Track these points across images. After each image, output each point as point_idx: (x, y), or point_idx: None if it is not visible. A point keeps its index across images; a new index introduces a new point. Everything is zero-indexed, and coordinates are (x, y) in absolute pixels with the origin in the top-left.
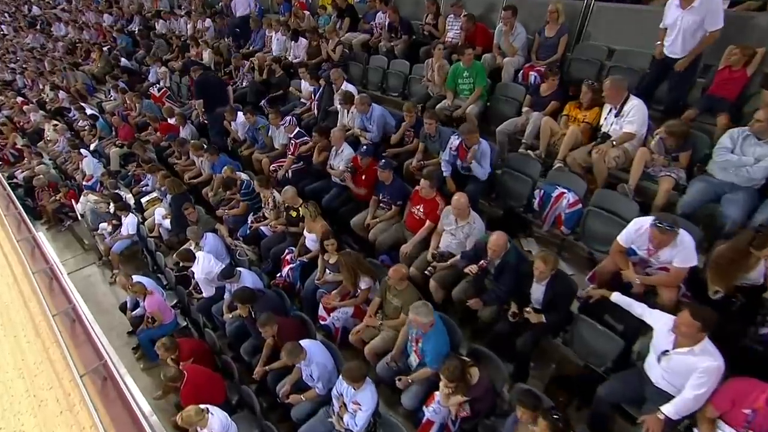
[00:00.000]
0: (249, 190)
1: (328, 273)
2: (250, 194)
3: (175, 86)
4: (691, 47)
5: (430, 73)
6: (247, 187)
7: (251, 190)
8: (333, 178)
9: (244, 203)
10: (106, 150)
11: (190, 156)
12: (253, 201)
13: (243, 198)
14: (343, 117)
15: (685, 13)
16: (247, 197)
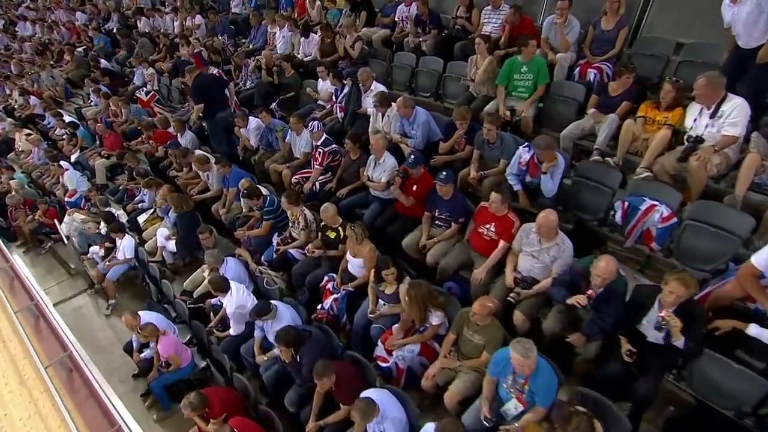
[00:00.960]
0: (273, 207)
1: (381, 304)
2: (273, 212)
3: (164, 89)
4: (760, 35)
5: (473, 71)
6: (271, 204)
7: (276, 206)
8: (372, 192)
9: (268, 222)
10: (90, 161)
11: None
12: (277, 219)
13: (266, 216)
14: (377, 121)
15: (737, 7)
16: (271, 215)
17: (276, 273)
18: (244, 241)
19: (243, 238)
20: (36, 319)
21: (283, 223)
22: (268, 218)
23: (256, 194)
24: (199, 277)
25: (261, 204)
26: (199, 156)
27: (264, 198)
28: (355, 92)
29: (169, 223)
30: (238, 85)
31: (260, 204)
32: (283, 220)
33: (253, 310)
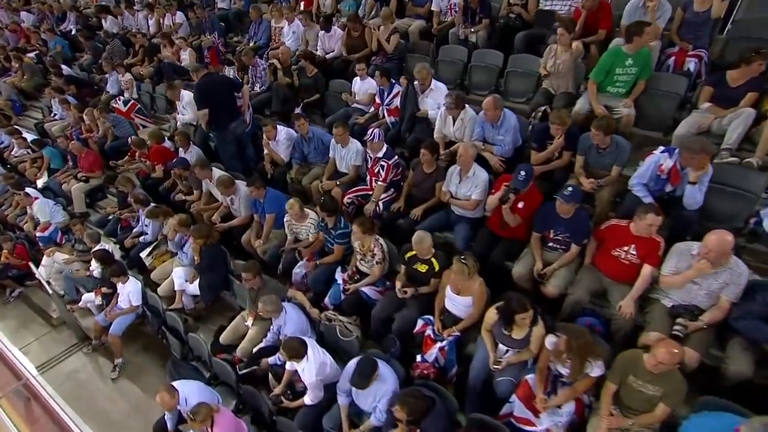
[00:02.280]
0: (348, 230)
1: (504, 351)
2: (348, 235)
3: (146, 97)
4: None
5: (552, 64)
6: (346, 226)
7: (350, 231)
8: (456, 211)
9: (341, 247)
10: (63, 186)
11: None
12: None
13: (339, 240)
14: (446, 126)
15: None
16: (345, 239)
17: (348, 318)
18: (296, 280)
19: (295, 277)
20: (18, 396)
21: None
22: (342, 242)
23: (335, 210)
24: (241, 327)
25: (334, 224)
26: (222, 178)
27: (338, 218)
28: (412, 92)
29: (186, 259)
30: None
31: (333, 224)
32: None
33: (357, 375)
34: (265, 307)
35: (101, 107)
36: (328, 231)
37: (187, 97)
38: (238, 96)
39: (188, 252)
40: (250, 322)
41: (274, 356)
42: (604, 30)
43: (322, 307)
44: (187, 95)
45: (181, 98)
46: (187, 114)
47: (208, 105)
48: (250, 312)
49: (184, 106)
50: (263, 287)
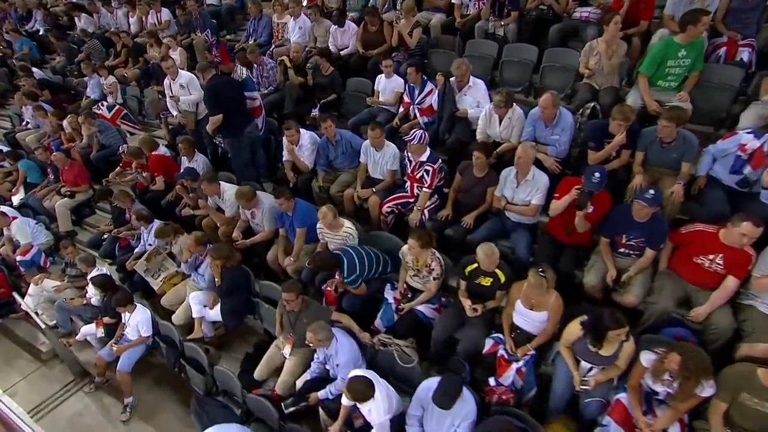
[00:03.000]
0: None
1: (587, 368)
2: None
3: (133, 102)
4: None
5: (597, 58)
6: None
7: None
8: (512, 218)
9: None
10: (45, 203)
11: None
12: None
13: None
14: (492, 126)
15: None
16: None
17: (404, 341)
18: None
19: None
20: None
21: (384, 273)
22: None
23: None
24: (276, 358)
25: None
26: (243, 190)
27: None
28: (450, 90)
29: (203, 282)
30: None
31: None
32: (383, 268)
33: (442, 395)
34: (315, 336)
35: (86, 113)
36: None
37: (186, 76)
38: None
39: (205, 274)
40: (287, 351)
41: (324, 390)
42: (646, 21)
43: (372, 330)
44: (185, 75)
45: (179, 77)
46: (194, 95)
47: (222, 109)
48: (287, 340)
49: (182, 85)
50: (304, 309)
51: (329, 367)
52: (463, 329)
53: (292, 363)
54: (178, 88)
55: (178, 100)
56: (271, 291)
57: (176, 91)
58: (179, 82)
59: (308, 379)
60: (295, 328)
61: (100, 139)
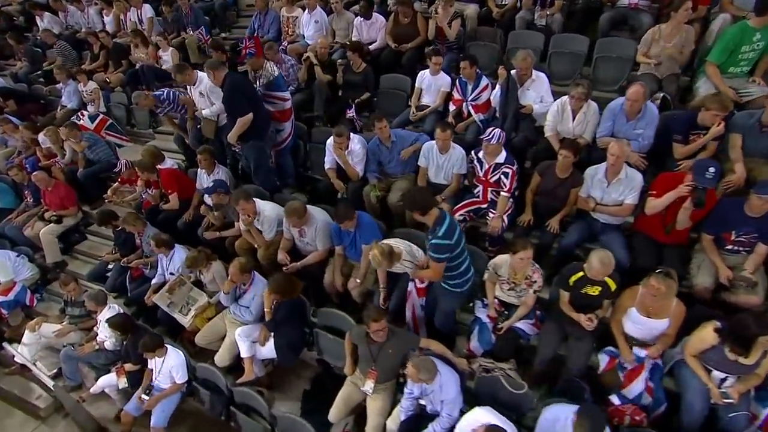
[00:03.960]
0: (448, 242)
1: (719, 378)
2: (443, 249)
3: (120, 110)
4: None
5: (661, 45)
6: (446, 235)
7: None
8: (603, 219)
9: (436, 263)
10: (26, 231)
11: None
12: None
13: (436, 255)
14: (564, 121)
15: None
16: (443, 256)
17: (507, 364)
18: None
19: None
20: None
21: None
22: (438, 257)
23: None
24: (354, 397)
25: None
26: (294, 205)
27: (437, 219)
28: (514, 85)
29: (249, 315)
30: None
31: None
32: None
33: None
34: (419, 374)
35: (69, 125)
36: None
37: (206, 82)
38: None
39: (251, 305)
40: (369, 387)
41: (428, 430)
42: (704, 6)
43: (468, 355)
44: (207, 80)
45: (198, 83)
46: (216, 105)
47: (251, 108)
48: (369, 375)
49: (202, 93)
50: (390, 339)
51: (425, 402)
52: (565, 344)
53: (380, 402)
54: (197, 96)
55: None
56: (334, 319)
57: (197, 100)
58: (198, 89)
59: (403, 420)
60: (379, 360)
61: (86, 154)
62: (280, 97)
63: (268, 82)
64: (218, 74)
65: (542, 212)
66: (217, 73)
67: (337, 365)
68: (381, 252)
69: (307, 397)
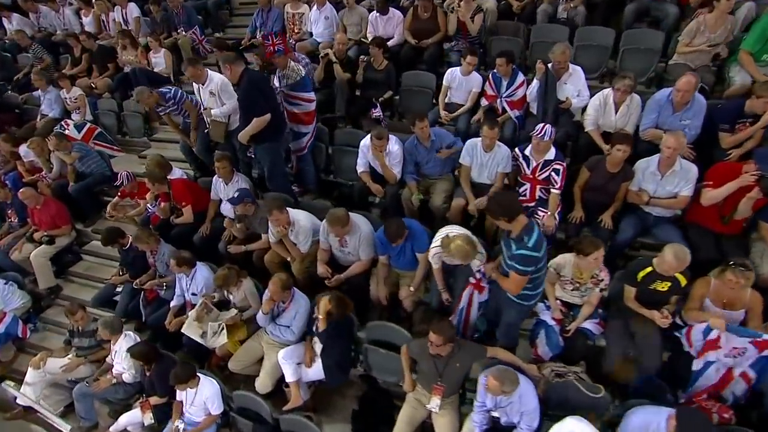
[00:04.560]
0: (536, 254)
1: None
2: (530, 261)
3: (109, 118)
4: None
5: (704, 40)
6: (535, 247)
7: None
8: (656, 212)
9: (520, 276)
10: (13, 255)
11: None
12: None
13: (520, 267)
14: (607, 115)
15: None
16: (528, 269)
17: (579, 368)
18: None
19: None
20: None
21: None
22: (522, 269)
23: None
24: (419, 415)
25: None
26: (338, 214)
27: (526, 227)
28: (552, 79)
29: (290, 335)
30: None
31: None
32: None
33: None
34: (502, 386)
35: (57, 135)
36: (506, 244)
37: (217, 81)
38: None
39: (292, 324)
40: (436, 404)
41: None
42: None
43: (535, 360)
44: (218, 78)
45: (208, 81)
46: (227, 105)
47: (269, 108)
48: (436, 390)
49: (212, 92)
50: (456, 351)
51: (497, 414)
52: (632, 342)
53: (447, 417)
54: (208, 96)
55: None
56: (384, 333)
57: (205, 101)
58: (208, 88)
59: None
60: (445, 374)
61: (77, 167)
62: (305, 98)
63: (294, 83)
64: (236, 69)
65: (591, 208)
66: (235, 68)
67: (387, 381)
68: (467, 242)
69: (357, 418)
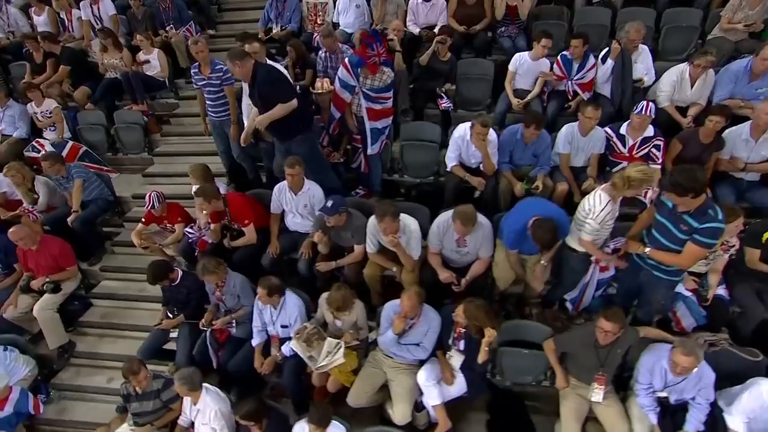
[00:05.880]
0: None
1: None
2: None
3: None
4: None
5: (743, 16)
6: (718, 216)
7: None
8: (750, 177)
9: (701, 248)
10: (6, 313)
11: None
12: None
13: (705, 240)
14: (682, 90)
15: None
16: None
17: (723, 335)
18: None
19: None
20: None
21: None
22: (708, 242)
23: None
24: (582, 409)
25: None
26: (468, 212)
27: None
28: (629, 59)
29: (423, 353)
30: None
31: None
32: None
33: None
34: (696, 361)
35: (50, 156)
36: (676, 220)
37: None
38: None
39: (423, 341)
40: (599, 396)
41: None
42: None
43: (680, 333)
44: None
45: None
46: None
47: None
48: (598, 381)
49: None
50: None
51: (665, 394)
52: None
53: (614, 407)
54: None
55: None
56: (519, 332)
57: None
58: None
59: (658, 422)
60: (608, 362)
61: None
62: (387, 96)
63: (385, 86)
64: (246, 65)
65: None
66: (245, 64)
67: (520, 382)
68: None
69: (495, 428)
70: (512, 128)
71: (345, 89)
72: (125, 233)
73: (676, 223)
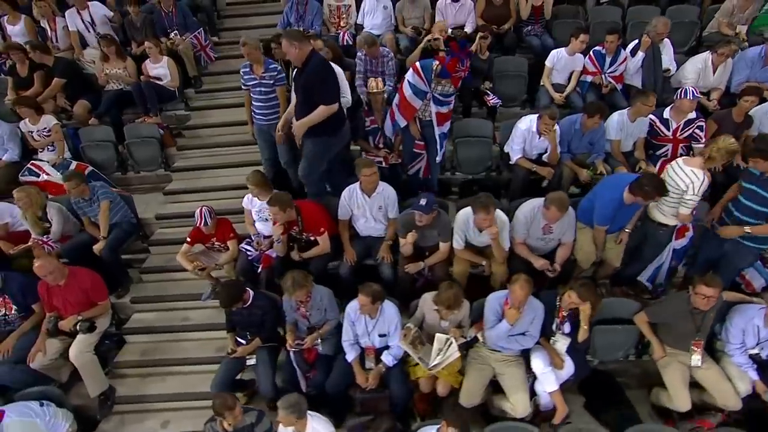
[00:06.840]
0: None
1: None
2: None
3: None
4: None
5: (735, 17)
6: None
7: None
8: None
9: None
10: (34, 362)
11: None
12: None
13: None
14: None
15: None
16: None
17: None
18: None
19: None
20: None
21: None
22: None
23: None
24: (686, 374)
25: None
26: (561, 197)
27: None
28: (658, 51)
29: (531, 340)
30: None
31: None
32: None
33: None
34: None
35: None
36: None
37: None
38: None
39: (530, 329)
40: (697, 359)
41: None
42: None
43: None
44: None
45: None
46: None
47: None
48: (696, 345)
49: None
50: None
51: (757, 351)
52: None
53: (714, 368)
54: None
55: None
56: (613, 309)
57: None
58: None
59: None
60: (703, 327)
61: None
62: (451, 99)
63: (455, 89)
64: (304, 48)
65: None
66: (303, 46)
67: (610, 359)
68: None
69: (595, 408)
70: (570, 118)
71: (416, 95)
72: (153, 258)
73: (765, 187)
